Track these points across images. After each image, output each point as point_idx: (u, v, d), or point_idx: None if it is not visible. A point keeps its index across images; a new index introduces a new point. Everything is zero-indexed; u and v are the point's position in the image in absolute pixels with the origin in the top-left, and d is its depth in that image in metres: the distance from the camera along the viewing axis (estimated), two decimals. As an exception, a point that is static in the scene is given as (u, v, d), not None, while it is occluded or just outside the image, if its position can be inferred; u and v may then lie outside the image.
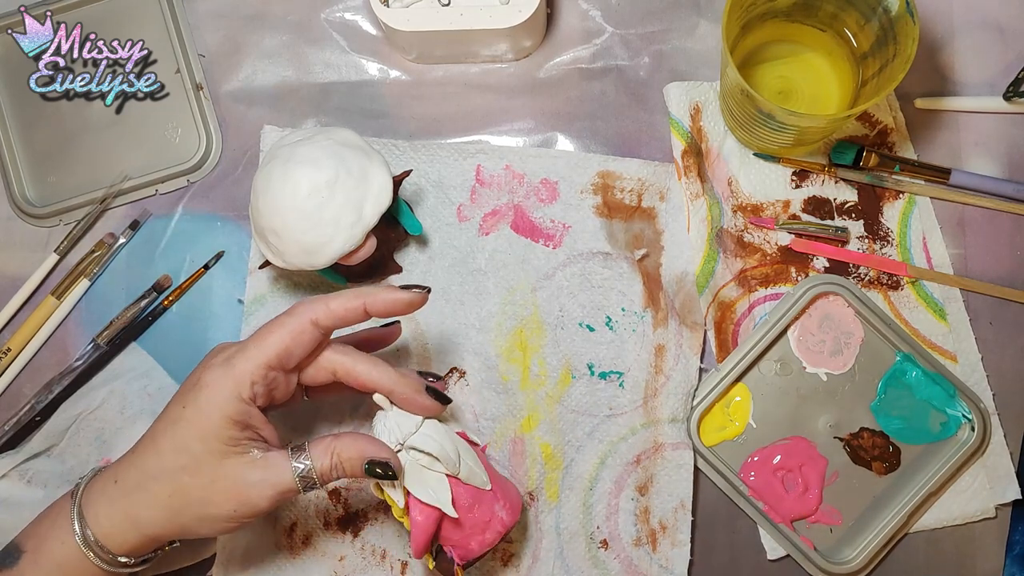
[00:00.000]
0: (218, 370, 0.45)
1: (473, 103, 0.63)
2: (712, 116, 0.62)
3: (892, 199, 0.61)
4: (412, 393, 0.48)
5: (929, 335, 0.60)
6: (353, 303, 0.47)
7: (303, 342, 0.46)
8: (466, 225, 0.61)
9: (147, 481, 0.45)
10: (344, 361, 0.48)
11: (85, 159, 0.63)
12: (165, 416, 0.46)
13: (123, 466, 0.46)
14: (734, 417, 0.60)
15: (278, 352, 0.45)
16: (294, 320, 0.46)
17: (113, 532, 0.45)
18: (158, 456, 0.45)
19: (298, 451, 0.46)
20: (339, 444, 0.46)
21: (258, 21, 0.65)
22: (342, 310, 0.47)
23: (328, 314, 0.46)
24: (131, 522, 0.45)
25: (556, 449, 0.59)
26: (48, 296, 0.61)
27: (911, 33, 0.51)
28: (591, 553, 0.58)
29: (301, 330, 0.46)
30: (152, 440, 0.46)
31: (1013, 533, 0.59)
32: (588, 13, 0.64)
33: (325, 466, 0.46)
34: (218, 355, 0.47)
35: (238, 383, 0.45)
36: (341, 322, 0.47)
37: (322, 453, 0.46)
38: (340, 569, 0.58)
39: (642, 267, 0.60)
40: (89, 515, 0.45)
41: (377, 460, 0.46)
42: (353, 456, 0.46)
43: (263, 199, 0.53)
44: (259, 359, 0.45)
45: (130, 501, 0.45)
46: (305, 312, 0.46)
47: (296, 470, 0.46)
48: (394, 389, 0.47)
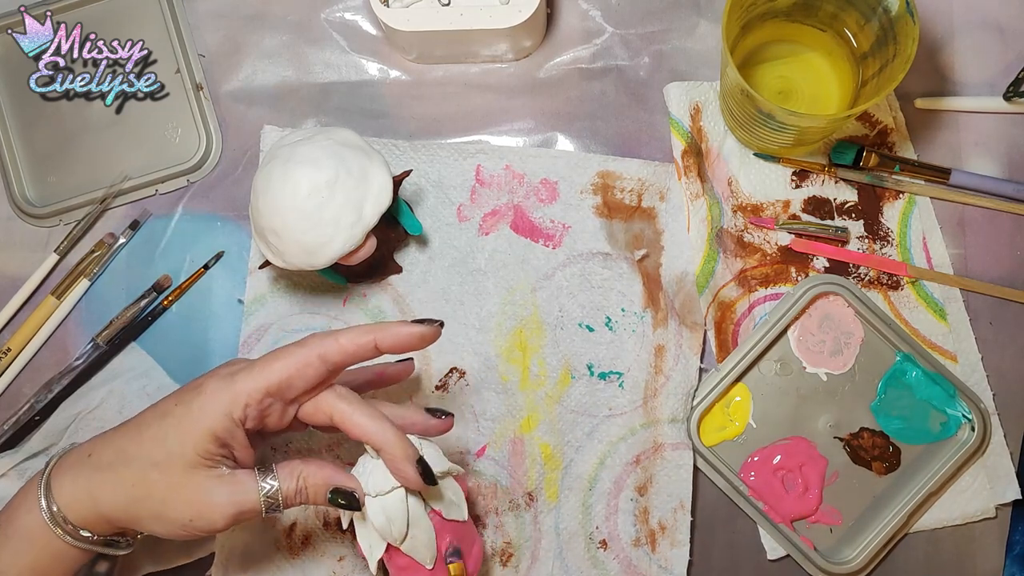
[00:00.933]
0: (220, 382, 0.45)
1: (473, 103, 0.63)
2: (712, 116, 0.62)
3: (892, 199, 0.61)
4: (400, 460, 0.46)
5: (929, 335, 0.60)
6: (364, 339, 0.46)
7: (306, 375, 0.45)
8: (466, 225, 0.61)
9: (118, 463, 0.45)
10: (343, 409, 0.46)
11: (85, 159, 0.63)
12: (157, 407, 0.46)
13: (101, 442, 0.46)
14: (734, 417, 0.60)
15: (279, 380, 0.45)
16: (302, 351, 0.45)
17: (73, 504, 0.45)
18: (137, 442, 0.45)
19: (265, 471, 0.46)
20: (306, 469, 0.46)
21: (258, 21, 0.65)
22: (352, 346, 0.46)
23: (338, 350, 0.45)
24: (91, 497, 0.45)
25: (556, 449, 0.59)
26: (48, 296, 0.61)
27: (911, 33, 0.51)
28: (590, 553, 0.58)
29: (307, 363, 0.45)
30: (136, 427, 0.46)
31: (1013, 533, 0.59)
32: (588, 13, 0.64)
33: (291, 489, 0.46)
34: (226, 367, 0.46)
35: (233, 400, 0.44)
36: (351, 358, 0.46)
37: (288, 476, 0.46)
38: (340, 569, 0.58)
39: (642, 267, 0.60)
40: (55, 486, 0.45)
41: (341, 489, 0.46)
42: (319, 483, 0.46)
43: (263, 199, 0.53)
44: (259, 382, 0.45)
45: (97, 477, 0.45)
46: (315, 346, 0.45)
47: (262, 490, 0.45)
48: (384, 448, 0.46)
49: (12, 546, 0.45)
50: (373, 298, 0.61)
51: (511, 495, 0.58)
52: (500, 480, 0.58)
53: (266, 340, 0.60)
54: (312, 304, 0.61)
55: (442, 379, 0.60)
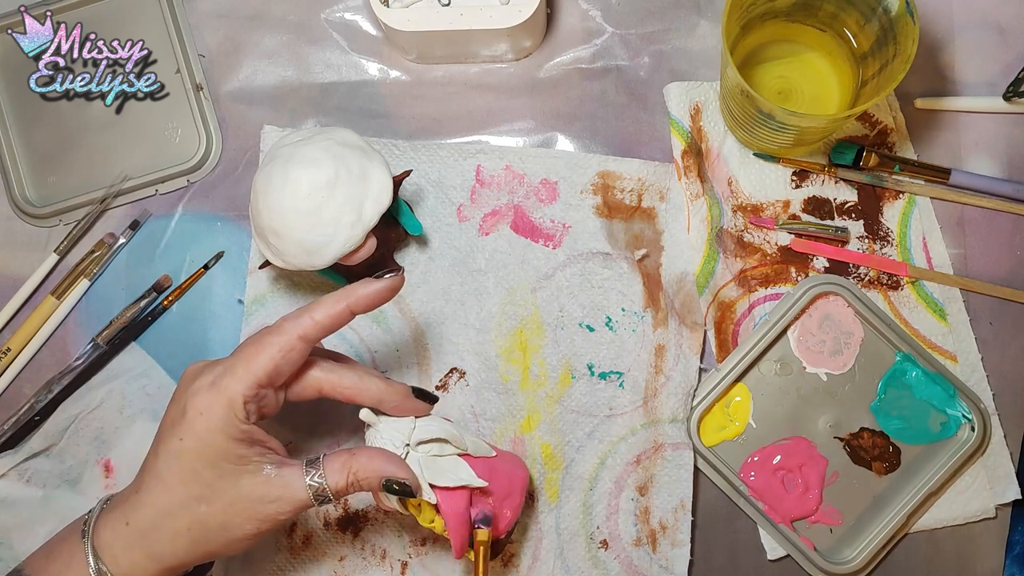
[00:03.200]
0: (207, 395, 0.44)
1: (473, 103, 0.63)
2: (712, 116, 0.62)
3: (892, 199, 0.61)
4: (400, 398, 0.48)
5: (929, 335, 0.60)
6: (336, 308, 0.46)
7: (292, 359, 0.45)
8: (466, 225, 0.61)
9: (162, 519, 0.44)
10: (330, 378, 0.47)
11: (85, 159, 0.63)
12: (164, 451, 0.45)
13: (132, 506, 0.45)
14: (734, 417, 0.60)
15: (268, 371, 0.45)
16: (282, 338, 0.45)
17: (134, 572, 0.44)
18: (168, 492, 0.44)
19: (312, 466, 0.46)
20: (355, 463, 0.46)
21: (258, 21, 0.65)
22: (327, 318, 0.46)
23: (314, 325, 0.46)
24: (153, 561, 0.44)
25: (556, 449, 0.59)
26: (48, 296, 0.61)
27: (911, 33, 0.51)
28: (591, 553, 0.58)
29: (290, 347, 0.45)
30: (157, 477, 0.45)
31: (1013, 533, 0.59)
32: (588, 13, 0.64)
33: (341, 484, 0.45)
34: (200, 378, 0.45)
35: (231, 404, 0.44)
36: (328, 331, 0.46)
37: (338, 470, 0.45)
38: (340, 569, 0.58)
39: (642, 267, 0.60)
40: (106, 558, 0.44)
41: (395, 479, 0.46)
42: (370, 475, 0.46)
43: (263, 199, 0.53)
44: (249, 379, 0.44)
45: (149, 541, 0.44)
46: (292, 328, 0.45)
47: (310, 488, 0.45)
48: (382, 398, 0.47)
49: None
50: (373, 298, 0.61)
51: (511, 495, 0.58)
52: (500, 480, 0.58)
53: (266, 340, 0.60)
54: (312, 304, 0.61)
55: (442, 379, 0.60)
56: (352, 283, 0.47)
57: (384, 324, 0.60)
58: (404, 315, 0.60)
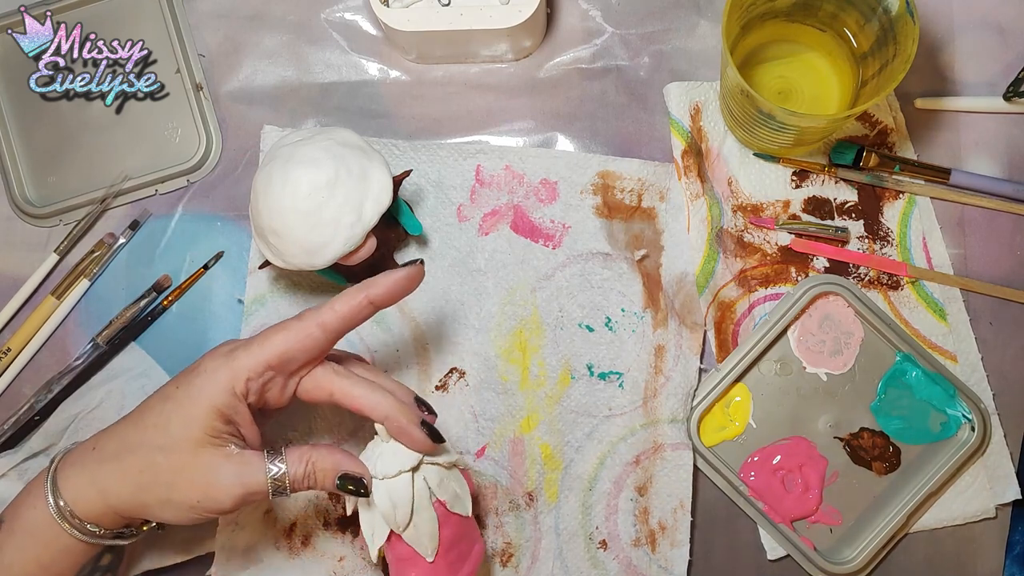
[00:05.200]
0: (219, 359, 0.46)
1: (473, 103, 0.63)
2: (712, 116, 0.62)
3: (892, 199, 0.61)
4: (407, 425, 0.47)
5: (929, 335, 0.60)
6: (356, 299, 0.47)
7: (307, 347, 0.46)
8: (466, 225, 0.61)
9: (124, 452, 0.45)
10: (343, 384, 0.47)
11: (85, 159, 0.63)
12: (158, 393, 0.47)
13: (105, 435, 0.46)
14: (734, 417, 0.60)
15: (280, 352, 0.45)
16: (301, 323, 0.46)
17: (80, 499, 0.45)
18: (141, 430, 0.45)
19: (273, 454, 0.46)
20: (315, 454, 0.46)
21: (258, 21, 0.65)
22: (347, 309, 0.46)
23: (334, 316, 0.46)
24: (98, 490, 0.45)
25: (555, 449, 0.59)
26: (48, 296, 0.61)
27: (911, 33, 0.51)
28: (590, 553, 0.58)
29: (307, 333, 0.46)
30: (139, 414, 0.46)
31: (1013, 533, 0.59)
32: (588, 13, 0.64)
33: (299, 473, 0.46)
34: (223, 346, 0.47)
35: (234, 375, 0.45)
36: (349, 322, 0.47)
37: (297, 460, 0.46)
38: (340, 569, 0.58)
39: (642, 268, 0.60)
40: (61, 481, 0.45)
41: (350, 474, 0.46)
42: (327, 467, 0.46)
43: (263, 199, 0.53)
44: (260, 356, 0.45)
45: (103, 469, 0.45)
46: (312, 316, 0.46)
47: (269, 471, 0.45)
48: (389, 416, 0.46)
49: (17, 541, 0.45)
50: (373, 298, 0.61)
51: (511, 495, 0.58)
52: (500, 480, 0.58)
53: (266, 340, 0.60)
54: (312, 304, 0.61)
55: (442, 379, 0.60)
56: (356, 283, 0.47)
57: (384, 324, 0.60)
58: (404, 315, 0.60)
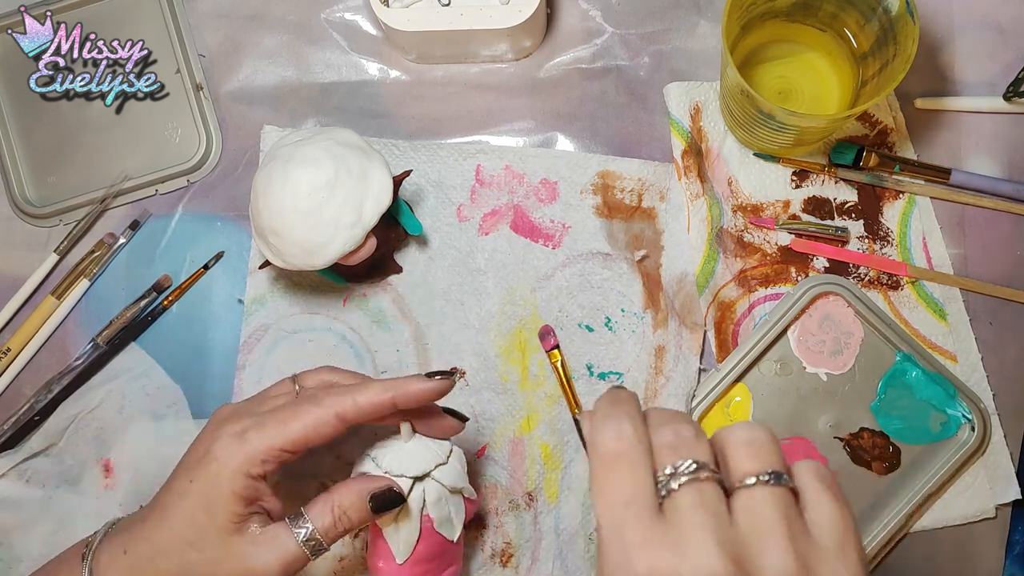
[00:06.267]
0: (231, 444, 0.44)
1: (473, 103, 0.63)
2: (712, 116, 0.62)
3: (892, 199, 0.61)
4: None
5: (929, 335, 0.60)
6: (382, 398, 0.46)
7: (323, 434, 0.45)
8: (466, 225, 0.61)
9: (156, 556, 0.44)
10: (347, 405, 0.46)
11: (85, 159, 0.63)
12: (173, 489, 0.45)
13: (133, 537, 0.45)
14: (734, 417, 0.60)
15: (295, 439, 0.44)
16: (320, 410, 0.45)
17: None
18: (168, 531, 0.44)
19: (296, 518, 0.45)
20: (335, 496, 0.45)
21: (258, 21, 0.65)
22: (369, 405, 0.45)
23: (355, 409, 0.45)
24: None
25: (555, 449, 0.59)
26: (48, 296, 0.61)
27: (911, 33, 0.51)
28: (590, 553, 0.57)
29: (324, 423, 0.45)
30: (162, 513, 0.45)
31: (1013, 533, 0.59)
32: (588, 13, 0.64)
33: (327, 523, 0.45)
34: (229, 424, 0.45)
35: (249, 459, 0.44)
36: (367, 417, 0.46)
37: (320, 512, 0.45)
38: (340, 570, 0.58)
39: (642, 268, 0.60)
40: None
41: (378, 492, 0.46)
42: (354, 501, 0.45)
43: (263, 199, 0.53)
44: (275, 441, 0.44)
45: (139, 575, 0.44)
46: (332, 404, 0.45)
47: (298, 536, 0.44)
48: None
49: None
50: (373, 298, 0.61)
51: (511, 495, 0.58)
52: (500, 480, 0.58)
53: (266, 340, 0.60)
54: (312, 304, 0.61)
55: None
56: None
57: (384, 324, 0.60)
58: (404, 315, 0.60)
